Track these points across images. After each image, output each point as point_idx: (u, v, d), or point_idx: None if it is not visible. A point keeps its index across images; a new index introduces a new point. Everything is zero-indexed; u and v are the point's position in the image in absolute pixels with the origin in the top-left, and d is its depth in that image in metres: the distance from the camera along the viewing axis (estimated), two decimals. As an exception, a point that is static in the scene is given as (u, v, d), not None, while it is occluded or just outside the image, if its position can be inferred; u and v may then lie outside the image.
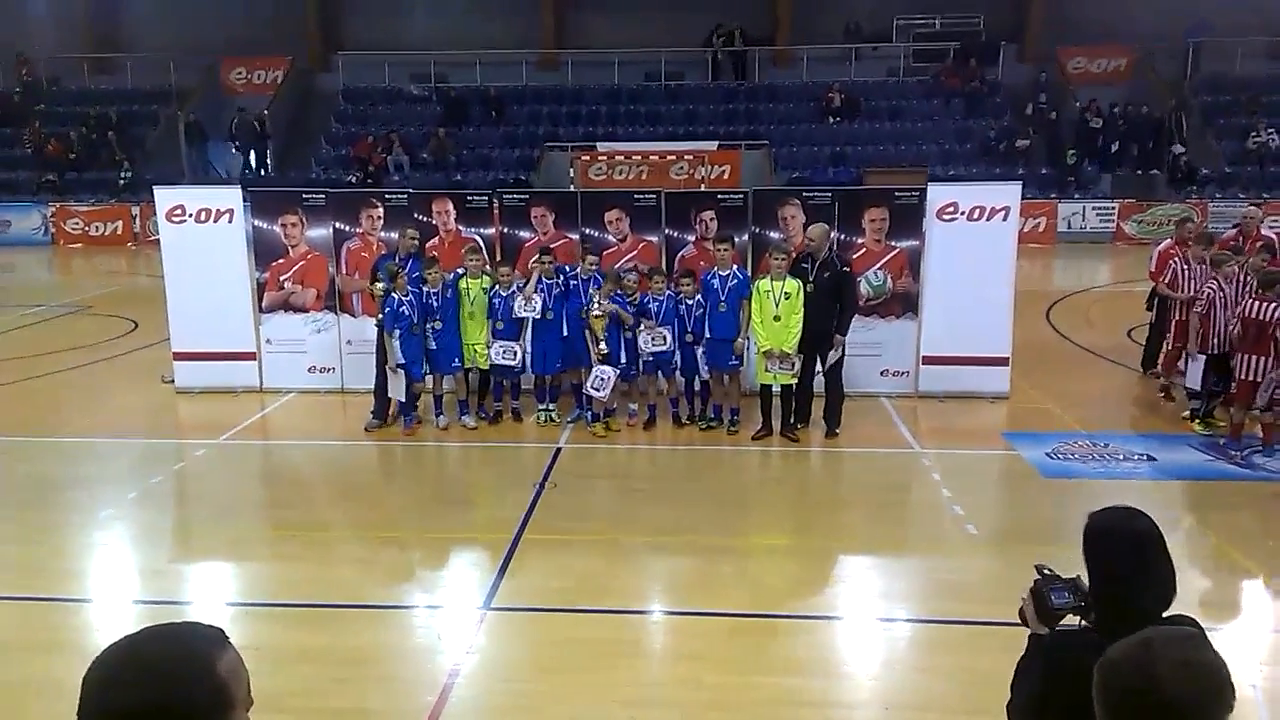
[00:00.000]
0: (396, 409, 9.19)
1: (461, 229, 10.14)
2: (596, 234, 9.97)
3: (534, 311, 8.96)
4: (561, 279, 9.10)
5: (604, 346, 8.74)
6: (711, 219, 9.90)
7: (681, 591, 6.12)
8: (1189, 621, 2.37)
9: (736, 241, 9.21)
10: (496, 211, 10.29)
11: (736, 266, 8.94)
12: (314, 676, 5.02)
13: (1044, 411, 9.56)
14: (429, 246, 9.82)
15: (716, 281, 8.77)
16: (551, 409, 9.35)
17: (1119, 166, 24.54)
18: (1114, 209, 23.41)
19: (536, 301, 8.95)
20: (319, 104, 28.54)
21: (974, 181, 18.63)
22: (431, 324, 8.97)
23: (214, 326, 10.28)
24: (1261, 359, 8.01)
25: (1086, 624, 2.55)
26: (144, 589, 6.29)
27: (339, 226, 10.22)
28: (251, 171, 25.70)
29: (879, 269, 9.83)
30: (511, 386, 9.50)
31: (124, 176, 25.47)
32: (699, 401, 9.27)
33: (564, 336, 9.09)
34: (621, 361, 8.90)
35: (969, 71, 26.49)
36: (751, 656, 5.24)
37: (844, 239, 9.66)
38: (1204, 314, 8.79)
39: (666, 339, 8.85)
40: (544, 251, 9.28)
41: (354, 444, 9.04)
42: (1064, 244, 22.81)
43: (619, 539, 6.82)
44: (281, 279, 10.34)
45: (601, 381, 8.75)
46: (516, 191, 13.00)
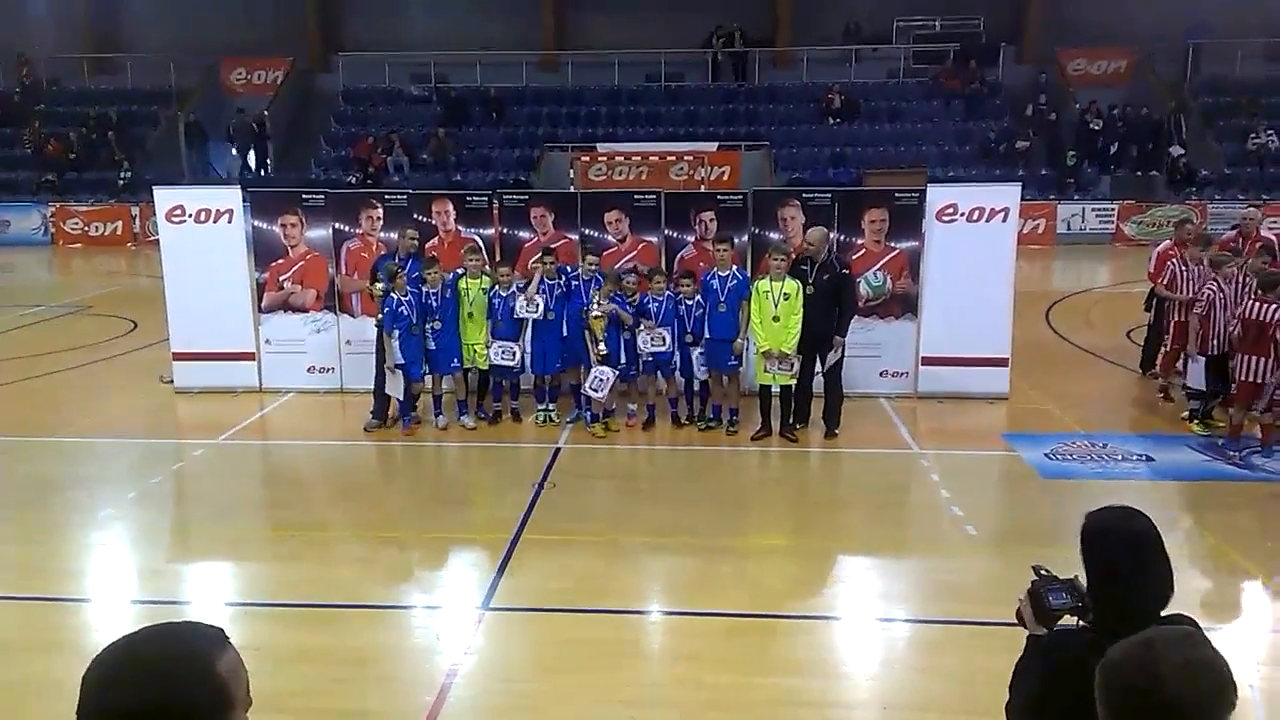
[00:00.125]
0: (396, 409, 9.20)
1: (461, 229, 10.15)
2: (596, 234, 9.97)
3: (536, 312, 8.97)
4: (563, 279, 9.11)
5: (603, 347, 8.75)
6: (711, 220, 9.91)
7: (681, 592, 6.12)
8: (1187, 621, 2.37)
9: (736, 242, 9.23)
10: (496, 212, 10.29)
11: (736, 267, 8.95)
12: (313, 676, 5.02)
13: (1043, 412, 9.57)
14: (428, 247, 9.83)
15: (716, 282, 8.78)
16: (551, 409, 9.35)
17: (1118, 168, 24.52)
18: (1113, 210, 23.41)
19: (539, 302, 8.95)
20: (319, 104, 28.51)
21: (973, 183, 18.57)
22: (431, 324, 8.98)
23: (213, 327, 10.28)
24: (1261, 360, 8.02)
25: (1084, 624, 2.54)
26: (143, 589, 6.29)
27: (339, 227, 10.22)
28: (251, 172, 25.70)
29: (878, 270, 9.84)
30: (511, 387, 9.51)
31: (124, 177, 25.45)
32: (698, 402, 9.28)
33: (564, 337, 9.10)
34: (621, 362, 8.90)
35: (969, 73, 26.49)
36: (751, 657, 5.24)
37: (844, 240, 9.67)
38: (1203, 315, 8.80)
39: (666, 339, 8.85)
40: (546, 252, 9.29)
41: (353, 444, 9.04)
42: (1063, 245, 22.81)
43: (618, 539, 6.83)
44: (281, 279, 10.34)
45: (600, 382, 8.75)
46: (516, 192, 12.99)
